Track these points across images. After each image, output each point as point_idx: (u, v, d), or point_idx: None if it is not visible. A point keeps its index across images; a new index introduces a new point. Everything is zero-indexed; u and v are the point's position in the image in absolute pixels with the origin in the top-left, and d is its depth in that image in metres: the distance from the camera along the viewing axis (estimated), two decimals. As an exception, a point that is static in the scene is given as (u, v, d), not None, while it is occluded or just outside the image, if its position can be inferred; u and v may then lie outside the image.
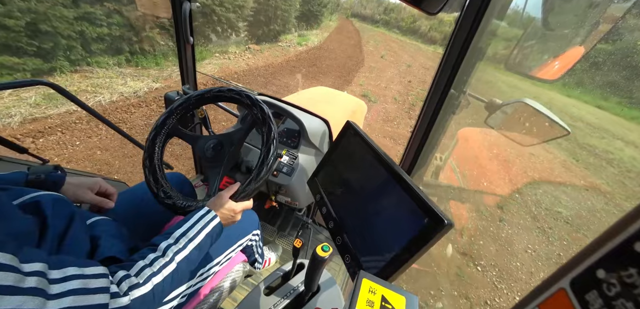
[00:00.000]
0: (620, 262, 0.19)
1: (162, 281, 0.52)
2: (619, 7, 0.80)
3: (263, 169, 0.75)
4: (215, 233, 0.66)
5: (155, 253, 0.55)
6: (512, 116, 1.02)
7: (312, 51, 10.92)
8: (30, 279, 0.35)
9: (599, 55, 8.21)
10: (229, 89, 0.85)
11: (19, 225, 0.45)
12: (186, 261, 0.58)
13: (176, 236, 0.59)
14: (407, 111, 6.59)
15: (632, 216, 0.19)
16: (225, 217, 0.70)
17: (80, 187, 0.73)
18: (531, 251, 2.94)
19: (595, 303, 0.20)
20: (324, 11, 16.75)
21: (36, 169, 0.68)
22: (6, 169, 1.21)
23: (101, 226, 0.64)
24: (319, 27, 16.00)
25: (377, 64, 10.96)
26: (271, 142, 0.76)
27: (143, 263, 0.52)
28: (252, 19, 9.86)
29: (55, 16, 4.46)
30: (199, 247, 0.61)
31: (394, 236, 0.54)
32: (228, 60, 7.57)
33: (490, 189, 3.88)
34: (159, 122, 0.85)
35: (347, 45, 13.46)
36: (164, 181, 0.79)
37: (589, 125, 7.42)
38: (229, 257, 0.91)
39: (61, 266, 0.40)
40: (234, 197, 0.73)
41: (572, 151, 5.63)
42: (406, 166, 1.11)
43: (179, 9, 1.30)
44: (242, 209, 0.74)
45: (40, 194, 0.56)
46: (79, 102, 1.30)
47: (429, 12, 0.73)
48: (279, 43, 10.85)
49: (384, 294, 0.42)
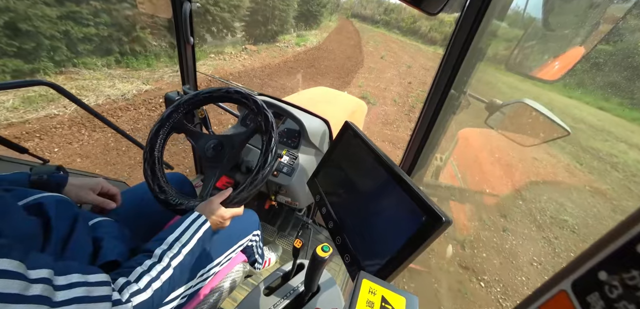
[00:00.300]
0: (622, 264, 0.19)
1: (161, 286, 0.54)
2: (620, 7, 0.80)
3: (258, 177, 0.75)
4: (206, 237, 0.67)
5: (151, 259, 0.56)
6: (512, 116, 1.02)
7: (311, 52, 10.77)
8: (36, 286, 0.35)
9: (600, 56, 8.11)
10: (237, 91, 0.86)
11: (24, 227, 0.45)
12: (180, 267, 0.59)
13: (170, 242, 0.60)
14: (407, 113, 6.48)
15: (634, 218, 0.19)
16: (214, 222, 0.70)
17: (83, 188, 0.73)
18: (537, 263, 2.81)
19: (597, 305, 0.20)
20: (323, 11, 16.63)
21: (38, 169, 0.68)
22: (6, 169, 1.21)
23: (103, 228, 0.64)
24: (318, 28, 15.92)
25: (377, 64, 10.84)
26: (270, 151, 0.77)
27: (141, 270, 0.53)
28: (249, 19, 9.76)
29: (37, 15, 4.35)
30: (191, 252, 0.62)
31: (393, 235, 0.54)
32: (223, 61, 7.45)
33: (492, 195, 3.78)
34: (165, 116, 0.86)
35: (346, 45, 13.31)
36: (162, 176, 0.80)
37: (592, 127, 7.24)
38: (229, 257, 0.91)
39: (66, 272, 0.41)
40: (224, 203, 0.73)
41: (575, 154, 5.47)
42: (406, 167, 1.11)
43: (179, 9, 1.30)
44: (230, 216, 0.75)
45: (44, 196, 0.56)
46: (80, 102, 1.30)
47: (429, 12, 0.73)
48: (277, 43, 10.73)
49: (384, 294, 0.42)
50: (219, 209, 0.72)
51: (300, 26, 14.49)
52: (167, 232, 0.62)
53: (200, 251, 0.65)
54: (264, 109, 0.82)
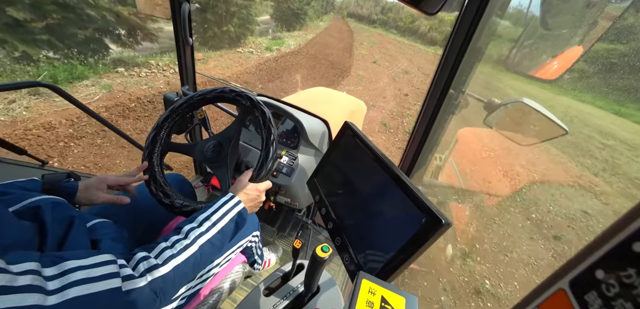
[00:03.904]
0: (619, 262, 0.19)
1: (183, 262, 0.51)
2: (618, 7, 0.80)
3: (270, 149, 0.75)
4: (241, 218, 0.65)
5: (178, 235, 0.54)
6: (511, 116, 1.02)
7: (285, 58, 8.68)
8: (23, 277, 0.34)
9: (612, 56, 7.60)
10: (231, 90, 0.86)
11: (13, 233, 0.44)
12: (209, 245, 0.57)
13: (200, 220, 0.58)
14: (402, 142, 4.72)
15: (630, 216, 0.19)
16: (250, 198, 0.70)
17: (89, 189, 0.72)
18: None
19: (595, 303, 0.20)
20: (307, 9, 14.66)
21: (50, 177, 0.67)
22: (5, 171, 1.21)
23: (101, 229, 0.64)
24: (303, 29, 14.27)
25: (368, 71, 9.07)
26: (271, 137, 0.77)
27: (165, 245, 0.51)
28: (197, 18, 7.87)
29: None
30: (222, 231, 0.60)
31: (393, 237, 0.54)
32: (136, 79, 5.06)
33: (503, 215, 3.26)
34: (160, 122, 0.85)
35: (334, 48, 11.37)
36: (163, 181, 0.79)
37: (624, 143, 5.95)
38: (228, 258, 0.91)
39: (56, 263, 0.39)
40: (251, 180, 0.73)
41: (624, 191, 4.15)
42: (406, 166, 1.11)
43: (178, 9, 1.30)
44: (265, 189, 0.75)
45: (41, 199, 0.56)
46: (79, 103, 1.30)
47: (427, 12, 0.73)
48: (238, 48, 8.53)
49: (383, 294, 0.42)
50: (250, 184, 0.71)
51: (281, 27, 12.88)
52: (199, 213, 0.60)
53: (230, 232, 0.63)
54: (260, 104, 0.82)
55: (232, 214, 0.63)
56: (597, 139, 6.16)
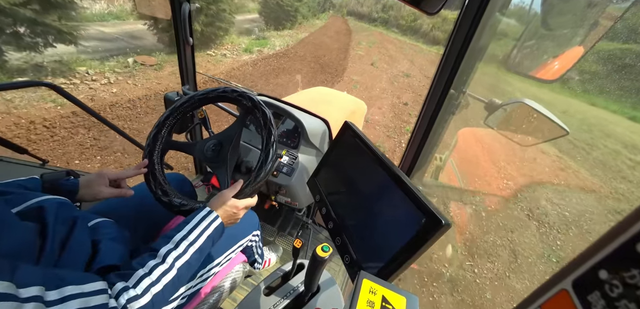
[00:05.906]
0: (623, 263, 0.19)
1: (162, 290, 0.52)
2: (619, 7, 0.80)
3: (270, 150, 0.75)
4: (217, 234, 0.65)
5: (155, 259, 0.54)
6: (512, 116, 1.02)
7: (266, 61, 7.56)
8: (28, 305, 0.35)
9: (627, 57, 6.88)
10: (233, 90, 0.86)
11: (17, 237, 0.45)
12: (187, 266, 0.57)
13: (177, 240, 0.58)
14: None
15: (634, 216, 0.19)
16: (227, 215, 0.68)
17: (91, 185, 0.71)
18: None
19: (598, 303, 0.20)
20: (299, 6, 13.17)
21: (49, 175, 0.67)
22: (5, 170, 1.21)
23: (102, 229, 0.64)
24: (294, 27, 12.96)
25: (364, 75, 8.08)
26: (271, 138, 0.77)
27: (142, 272, 0.51)
28: (156, 19, 6.10)
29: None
30: (200, 250, 0.60)
31: (393, 236, 0.54)
32: (52, 96, 3.52)
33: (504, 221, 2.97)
34: (162, 120, 0.85)
35: (327, 49, 10.24)
36: (163, 179, 0.80)
37: None
38: (228, 258, 0.91)
39: (59, 286, 0.40)
40: (237, 195, 0.72)
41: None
42: (406, 166, 1.11)
43: (178, 9, 1.29)
44: (245, 207, 0.73)
45: (45, 199, 0.55)
46: (81, 104, 1.30)
47: (427, 12, 0.73)
48: (209, 51, 7.40)
49: (384, 294, 0.42)
50: (232, 200, 0.69)
51: (269, 26, 11.72)
52: (176, 230, 0.60)
53: (207, 249, 0.63)
54: (260, 104, 0.82)
55: (209, 231, 0.63)
56: (624, 154, 5.38)
